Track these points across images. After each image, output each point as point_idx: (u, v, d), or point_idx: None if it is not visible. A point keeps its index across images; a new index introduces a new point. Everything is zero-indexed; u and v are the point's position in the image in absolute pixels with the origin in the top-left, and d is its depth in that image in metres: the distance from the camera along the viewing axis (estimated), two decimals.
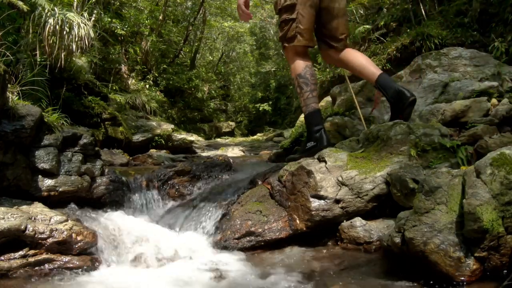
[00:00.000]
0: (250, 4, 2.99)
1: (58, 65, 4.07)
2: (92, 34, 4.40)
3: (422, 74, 3.69)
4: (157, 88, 10.71)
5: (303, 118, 2.77)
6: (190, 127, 12.69)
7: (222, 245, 2.21)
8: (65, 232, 1.91)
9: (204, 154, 6.23)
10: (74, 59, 4.83)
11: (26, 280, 1.74)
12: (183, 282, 1.77)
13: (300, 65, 2.55)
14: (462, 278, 1.50)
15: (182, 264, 2.03)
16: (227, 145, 8.81)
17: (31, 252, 1.84)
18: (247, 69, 20.54)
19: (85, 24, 4.26)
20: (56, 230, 1.89)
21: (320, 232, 2.22)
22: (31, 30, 3.87)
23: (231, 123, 17.00)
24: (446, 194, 1.66)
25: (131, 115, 6.94)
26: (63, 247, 1.90)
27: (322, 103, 6.83)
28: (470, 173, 1.60)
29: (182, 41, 13.53)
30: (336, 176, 2.23)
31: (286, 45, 2.58)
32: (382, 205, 2.19)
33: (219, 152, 6.58)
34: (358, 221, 2.11)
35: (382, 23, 6.65)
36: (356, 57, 2.60)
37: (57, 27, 4.00)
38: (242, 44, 19.39)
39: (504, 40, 3.96)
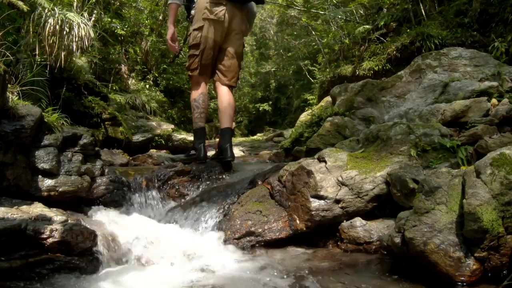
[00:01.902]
0: None
1: (58, 65, 4.07)
2: (92, 34, 4.40)
3: (422, 74, 3.69)
4: (157, 88, 10.70)
5: (303, 118, 3.02)
6: (190, 127, 12.66)
7: (222, 245, 2.21)
8: (65, 232, 1.90)
9: None
10: (74, 59, 4.84)
11: (26, 281, 1.74)
12: (182, 281, 1.77)
13: (197, 93, 3.17)
14: (462, 278, 1.50)
15: (182, 264, 2.03)
16: None
17: (31, 252, 1.84)
18: (247, 69, 20.54)
19: (85, 24, 4.26)
20: (56, 230, 1.89)
21: (320, 232, 2.22)
22: (31, 30, 3.87)
23: None
24: (446, 194, 1.66)
25: (131, 115, 6.94)
26: (63, 247, 1.90)
27: (322, 103, 6.84)
28: (470, 173, 1.60)
29: (182, 41, 13.53)
30: (336, 176, 2.23)
31: (189, 74, 3.20)
32: (382, 205, 2.19)
33: None
34: (358, 221, 2.11)
35: (382, 23, 6.65)
36: (224, 99, 3.15)
37: (57, 27, 4.00)
38: None
39: (504, 40, 3.96)
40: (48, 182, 2.29)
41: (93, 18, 6.05)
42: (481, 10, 4.71)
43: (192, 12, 3.09)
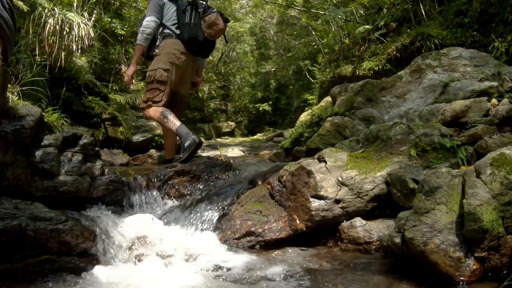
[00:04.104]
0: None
1: (58, 65, 4.07)
2: (92, 34, 4.40)
3: (422, 74, 3.69)
4: None
5: (303, 118, 3.02)
6: (190, 128, 12.65)
7: (222, 245, 2.21)
8: (65, 232, 1.90)
9: (204, 154, 6.23)
10: (74, 59, 4.83)
11: (26, 281, 1.74)
12: (182, 281, 1.77)
13: (159, 110, 3.49)
14: (462, 278, 1.50)
15: (182, 264, 2.03)
16: (227, 145, 8.81)
17: (32, 252, 1.84)
18: (247, 69, 20.52)
19: (85, 24, 4.26)
20: (56, 230, 1.89)
21: (320, 232, 2.22)
22: (31, 30, 3.87)
23: (231, 123, 17.00)
24: (446, 194, 1.66)
25: (131, 115, 6.92)
26: (63, 247, 1.90)
27: (322, 103, 6.83)
28: (470, 173, 1.60)
29: None
30: (336, 176, 2.23)
31: (151, 104, 3.51)
32: (382, 205, 2.19)
33: (219, 152, 6.58)
34: (358, 221, 2.11)
35: (382, 23, 6.64)
36: (173, 137, 3.70)
37: (57, 27, 4.00)
38: (242, 44, 19.38)
39: (504, 40, 3.96)
40: (48, 182, 2.29)
41: (93, 18, 6.04)
42: (481, 10, 4.70)
43: (156, 51, 3.53)
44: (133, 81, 3.83)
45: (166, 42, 3.49)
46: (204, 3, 3.56)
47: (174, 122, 3.42)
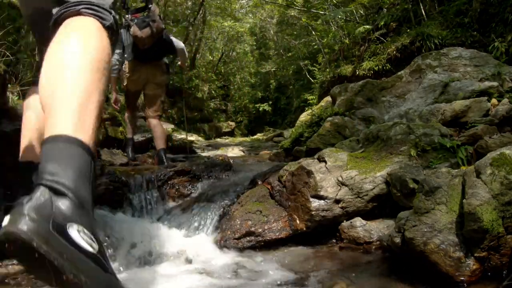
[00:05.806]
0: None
1: None
2: None
3: (422, 74, 3.69)
4: None
5: (303, 118, 3.05)
6: (190, 127, 12.69)
7: (222, 245, 2.21)
8: None
9: (204, 154, 6.23)
10: None
11: (26, 283, 1.74)
12: (182, 282, 1.77)
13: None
14: (462, 278, 1.50)
15: (182, 264, 2.03)
16: (227, 145, 8.82)
17: None
18: (247, 69, 20.54)
19: None
20: None
21: (320, 232, 2.22)
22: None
23: (231, 123, 17.03)
24: (446, 194, 1.66)
25: None
26: None
27: (322, 103, 6.83)
28: (470, 173, 1.60)
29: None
30: (336, 176, 2.23)
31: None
32: (382, 205, 2.19)
33: (219, 152, 6.58)
34: (358, 221, 2.11)
35: (382, 23, 6.64)
36: (156, 130, 4.14)
37: None
38: (242, 44, 19.40)
39: (504, 40, 3.96)
40: None
41: None
42: (481, 10, 4.71)
43: (124, 65, 4.20)
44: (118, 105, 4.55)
45: (125, 66, 4.18)
46: (140, 20, 3.86)
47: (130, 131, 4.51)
